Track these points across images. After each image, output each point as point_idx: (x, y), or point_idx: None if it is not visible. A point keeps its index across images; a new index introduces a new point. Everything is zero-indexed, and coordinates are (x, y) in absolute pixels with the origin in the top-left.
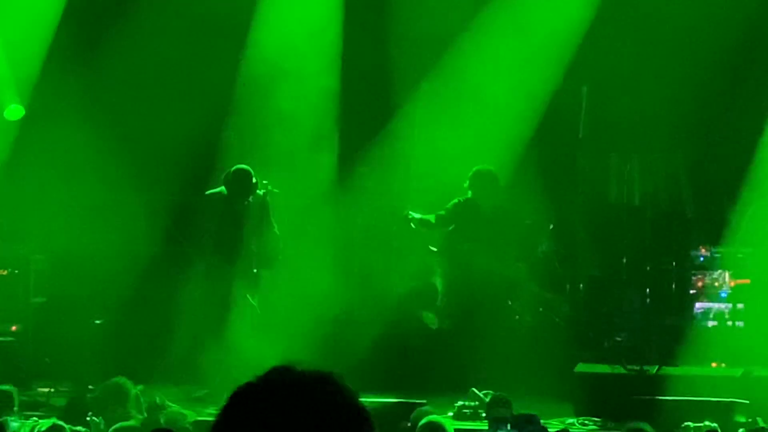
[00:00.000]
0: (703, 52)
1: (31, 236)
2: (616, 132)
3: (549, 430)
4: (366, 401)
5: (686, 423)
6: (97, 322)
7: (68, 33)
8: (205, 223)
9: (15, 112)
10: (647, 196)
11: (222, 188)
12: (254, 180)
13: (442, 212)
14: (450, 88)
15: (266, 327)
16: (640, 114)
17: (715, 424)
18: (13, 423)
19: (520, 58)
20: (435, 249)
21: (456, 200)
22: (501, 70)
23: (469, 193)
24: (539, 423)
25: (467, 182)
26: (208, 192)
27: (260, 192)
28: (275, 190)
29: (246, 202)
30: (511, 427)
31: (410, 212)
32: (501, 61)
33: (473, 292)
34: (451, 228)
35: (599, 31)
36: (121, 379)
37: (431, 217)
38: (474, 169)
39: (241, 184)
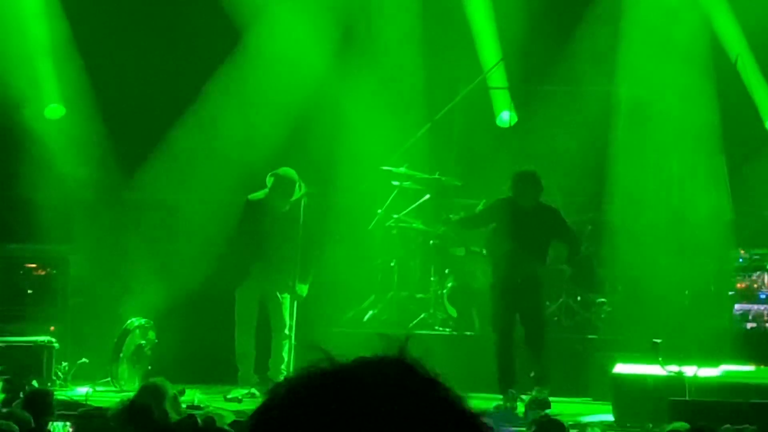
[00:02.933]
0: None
1: (71, 236)
2: (656, 133)
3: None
4: None
5: (725, 425)
6: (138, 322)
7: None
8: (243, 226)
9: (55, 111)
10: (687, 197)
11: (266, 190)
12: (297, 183)
13: (482, 210)
14: None
15: (302, 326)
16: (681, 115)
17: (754, 426)
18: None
19: None
20: (476, 249)
21: (497, 200)
22: None
23: (511, 194)
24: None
25: (509, 183)
26: (251, 196)
27: (299, 195)
28: (309, 191)
29: (287, 206)
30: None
31: (450, 215)
32: None
33: (515, 293)
34: (491, 228)
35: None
36: (159, 380)
37: (471, 215)
38: (516, 170)
39: (284, 187)
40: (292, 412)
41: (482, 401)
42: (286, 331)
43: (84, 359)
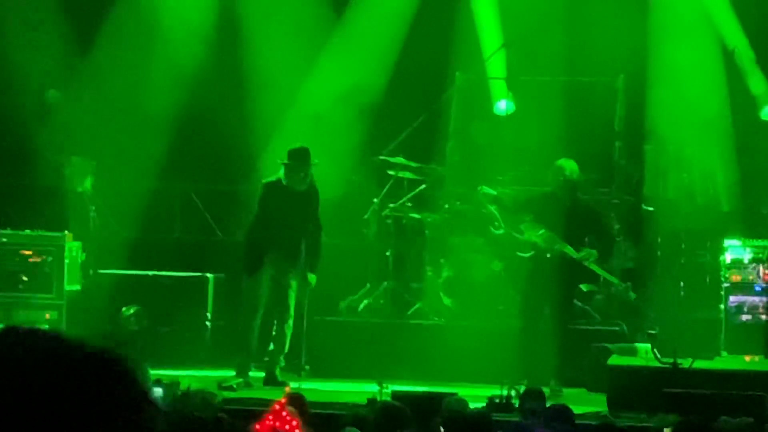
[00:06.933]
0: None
1: (66, 223)
2: (651, 124)
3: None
4: (397, 390)
5: (723, 417)
6: (132, 310)
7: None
8: (260, 211)
9: (53, 96)
10: (682, 189)
11: (279, 174)
12: (310, 157)
13: (526, 201)
14: None
15: (312, 315)
16: (675, 106)
17: (750, 419)
18: None
19: None
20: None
21: (537, 193)
22: None
23: (550, 185)
24: (570, 415)
25: (549, 174)
26: (265, 179)
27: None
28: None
29: (304, 185)
30: (543, 419)
31: (483, 186)
32: None
33: (546, 271)
34: (528, 217)
35: (635, 22)
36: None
37: (509, 201)
38: (556, 162)
39: (300, 159)
40: None
41: (476, 391)
42: (290, 321)
43: None
